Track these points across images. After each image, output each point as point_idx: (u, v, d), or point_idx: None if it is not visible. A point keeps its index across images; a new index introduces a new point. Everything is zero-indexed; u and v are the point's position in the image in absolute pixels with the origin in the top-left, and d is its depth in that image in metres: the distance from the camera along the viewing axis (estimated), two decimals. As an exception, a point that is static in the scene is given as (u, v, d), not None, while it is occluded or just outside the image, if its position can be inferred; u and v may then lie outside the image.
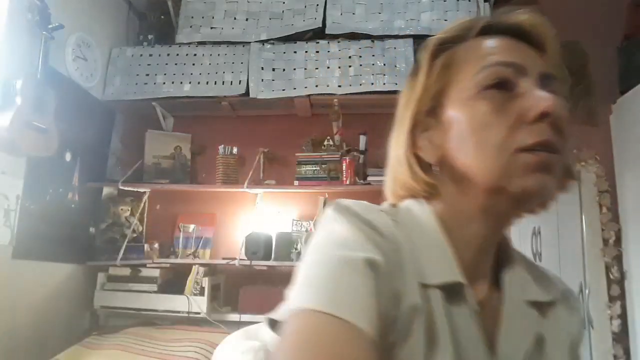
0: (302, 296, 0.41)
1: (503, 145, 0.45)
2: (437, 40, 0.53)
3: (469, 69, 0.49)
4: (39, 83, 1.74)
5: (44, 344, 1.86)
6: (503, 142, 0.45)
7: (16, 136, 1.66)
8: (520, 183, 0.44)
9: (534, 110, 0.44)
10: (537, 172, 0.44)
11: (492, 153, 0.46)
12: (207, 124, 2.51)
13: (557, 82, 0.49)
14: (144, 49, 2.37)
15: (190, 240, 2.33)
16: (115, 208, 2.34)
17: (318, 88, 2.18)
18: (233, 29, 2.34)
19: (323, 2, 2.29)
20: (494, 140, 0.45)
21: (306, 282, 0.42)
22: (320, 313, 0.38)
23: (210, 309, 2.07)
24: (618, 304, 2.07)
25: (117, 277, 2.14)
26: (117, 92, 2.30)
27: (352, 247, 0.43)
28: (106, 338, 1.92)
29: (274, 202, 2.34)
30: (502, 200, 0.47)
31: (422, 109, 0.53)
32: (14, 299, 1.75)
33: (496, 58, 0.48)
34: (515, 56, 0.48)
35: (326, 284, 0.41)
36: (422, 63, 0.53)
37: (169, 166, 2.40)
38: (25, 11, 1.79)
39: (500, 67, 0.48)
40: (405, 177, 0.54)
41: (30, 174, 1.82)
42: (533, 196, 0.45)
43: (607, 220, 2.16)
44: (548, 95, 0.45)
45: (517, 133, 0.45)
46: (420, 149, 0.53)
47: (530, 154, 0.44)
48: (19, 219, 1.76)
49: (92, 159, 2.23)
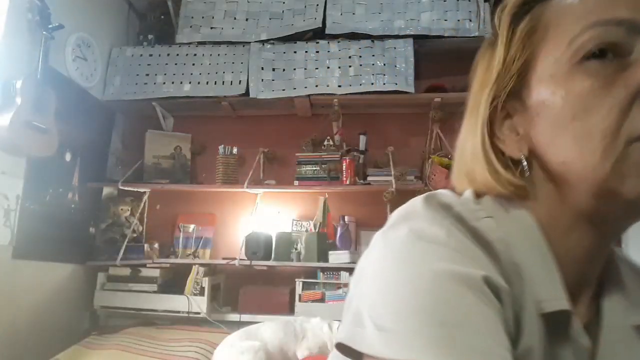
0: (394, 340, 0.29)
1: (613, 134, 0.34)
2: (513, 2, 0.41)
3: (563, 33, 0.38)
4: (39, 83, 1.74)
5: (44, 343, 1.86)
6: (613, 130, 0.34)
7: (16, 136, 1.66)
8: (637, 184, 0.34)
9: None
10: None
11: (598, 145, 0.35)
12: (207, 124, 2.51)
13: None
14: (144, 49, 2.37)
15: (190, 240, 2.33)
16: (115, 208, 2.34)
17: (318, 88, 2.18)
18: (233, 29, 2.34)
19: (323, 2, 2.29)
20: (600, 128, 0.35)
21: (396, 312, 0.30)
22: None
23: (210, 309, 2.07)
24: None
25: (117, 277, 2.14)
26: (117, 92, 2.30)
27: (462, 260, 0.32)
28: (106, 338, 1.92)
29: (274, 202, 2.34)
30: (613, 207, 0.36)
31: (502, 90, 0.42)
32: (14, 299, 1.75)
33: (600, 15, 0.36)
34: (624, 9, 0.36)
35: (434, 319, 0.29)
36: (500, 30, 0.42)
37: (169, 166, 2.40)
38: (25, 11, 1.79)
39: (607, 28, 0.36)
40: (483, 177, 0.42)
41: (30, 174, 1.82)
42: None
43: (607, 220, 2.16)
44: None
45: (633, 117, 0.34)
46: (501, 141, 0.43)
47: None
48: (19, 219, 1.76)
49: (92, 159, 2.23)
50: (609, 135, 0.34)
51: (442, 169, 2.11)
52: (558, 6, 0.39)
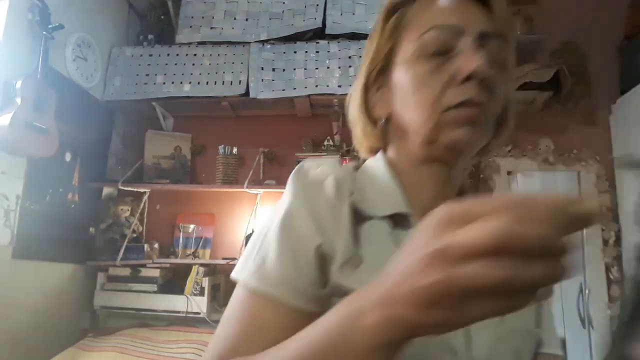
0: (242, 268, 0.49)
1: (436, 104, 0.50)
2: (391, 1, 0.57)
3: (414, 31, 0.53)
4: (39, 83, 1.74)
5: (44, 343, 1.86)
6: (435, 100, 0.50)
7: (16, 136, 1.65)
8: (449, 135, 0.50)
9: (461, 72, 0.49)
10: (462, 126, 0.49)
11: (427, 110, 0.51)
12: (207, 124, 2.51)
13: (499, 39, 0.52)
14: (144, 49, 2.37)
15: (190, 240, 2.33)
16: (115, 208, 2.33)
17: (318, 88, 2.18)
18: (233, 29, 2.34)
19: (323, 2, 2.29)
20: (428, 99, 0.51)
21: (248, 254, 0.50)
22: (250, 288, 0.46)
23: (210, 309, 2.07)
24: (618, 304, 2.07)
25: (117, 277, 2.14)
26: (117, 92, 2.30)
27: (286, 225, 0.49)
28: (102, 340, 1.92)
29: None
30: (436, 150, 0.52)
31: (375, 68, 0.57)
32: (14, 299, 1.75)
33: (436, 21, 0.52)
34: (454, 18, 0.51)
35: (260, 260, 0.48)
36: (377, 23, 0.58)
37: (169, 166, 2.40)
38: (26, 11, 1.79)
39: (438, 31, 0.51)
40: (358, 136, 0.62)
41: (30, 174, 1.82)
42: (460, 146, 0.51)
43: (607, 220, 2.16)
44: (476, 56, 0.48)
45: (448, 92, 0.50)
46: (373, 105, 0.59)
47: (456, 110, 0.49)
48: (19, 219, 1.76)
49: (92, 159, 2.23)
50: (434, 104, 0.50)
51: (442, 169, 2.10)
52: (416, 11, 0.54)
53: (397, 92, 0.55)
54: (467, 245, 0.25)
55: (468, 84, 0.49)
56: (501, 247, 0.25)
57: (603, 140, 2.26)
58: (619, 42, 2.29)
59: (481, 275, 0.25)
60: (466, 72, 0.48)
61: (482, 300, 0.26)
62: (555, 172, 2.28)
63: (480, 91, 0.49)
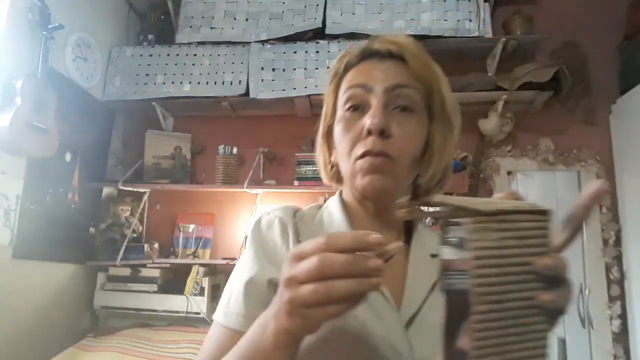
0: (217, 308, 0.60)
1: (349, 155, 0.60)
2: (333, 69, 0.68)
3: (342, 91, 0.64)
4: (39, 83, 1.74)
5: (44, 343, 1.86)
6: (349, 152, 0.60)
7: (16, 136, 1.65)
8: (359, 182, 0.59)
9: (364, 129, 0.58)
10: (368, 174, 0.58)
11: (345, 160, 0.61)
12: (207, 124, 2.51)
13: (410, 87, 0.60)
14: (144, 49, 2.37)
15: (190, 240, 2.33)
16: (115, 208, 2.34)
17: (318, 88, 2.18)
18: (233, 29, 2.34)
19: (323, 2, 2.29)
20: (345, 151, 0.61)
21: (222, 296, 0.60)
22: (218, 323, 0.57)
23: (210, 309, 2.07)
24: (618, 304, 2.07)
25: (117, 277, 2.14)
26: (117, 92, 2.30)
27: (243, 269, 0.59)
28: (102, 340, 1.91)
29: (274, 202, 2.34)
30: (357, 192, 0.62)
31: (326, 122, 0.69)
32: (14, 299, 1.75)
33: (352, 81, 0.63)
34: (364, 77, 0.61)
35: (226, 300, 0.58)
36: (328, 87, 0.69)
37: (169, 166, 2.40)
38: (26, 11, 1.79)
39: (352, 89, 0.62)
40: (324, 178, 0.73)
41: (30, 174, 1.82)
42: (369, 191, 0.59)
43: (607, 220, 2.16)
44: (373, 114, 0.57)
45: (357, 145, 0.59)
46: (331, 152, 0.68)
47: (362, 160, 0.58)
48: (19, 219, 1.76)
49: (92, 159, 2.23)
50: (347, 156, 0.60)
51: (442, 169, 2.11)
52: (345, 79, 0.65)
53: (335, 142, 0.64)
54: (299, 274, 0.37)
55: (369, 137, 0.57)
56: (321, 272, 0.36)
57: (603, 140, 2.26)
58: (619, 42, 2.29)
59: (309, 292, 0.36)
60: (366, 128, 0.57)
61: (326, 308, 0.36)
62: (555, 172, 2.28)
63: (376, 143, 0.57)
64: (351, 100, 0.61)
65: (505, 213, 0.38)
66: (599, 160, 2.23)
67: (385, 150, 0.57)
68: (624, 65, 2.25)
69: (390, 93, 0.59)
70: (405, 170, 0.60)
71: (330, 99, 0.68)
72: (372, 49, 0.64)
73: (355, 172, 0.59)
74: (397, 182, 0.60)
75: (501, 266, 0.37)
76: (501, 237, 0.37)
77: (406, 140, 0.59)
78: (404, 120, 0.59)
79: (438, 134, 0.63)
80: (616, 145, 2.23)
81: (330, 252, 0.37)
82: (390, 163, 0.58)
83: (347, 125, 0.61)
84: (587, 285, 2.12)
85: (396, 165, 0.58)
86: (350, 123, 0.61)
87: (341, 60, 0.67)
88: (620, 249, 2.12)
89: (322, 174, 0.73)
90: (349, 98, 0.62)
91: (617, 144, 2.22)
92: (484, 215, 0.37)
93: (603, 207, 2.18)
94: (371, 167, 0.57)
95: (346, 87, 0.63)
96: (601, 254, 2.13)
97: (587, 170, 2.23)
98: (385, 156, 0.57)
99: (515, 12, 2.27)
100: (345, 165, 0.62)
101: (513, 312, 0.37)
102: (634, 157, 2.06)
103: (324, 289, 0.36)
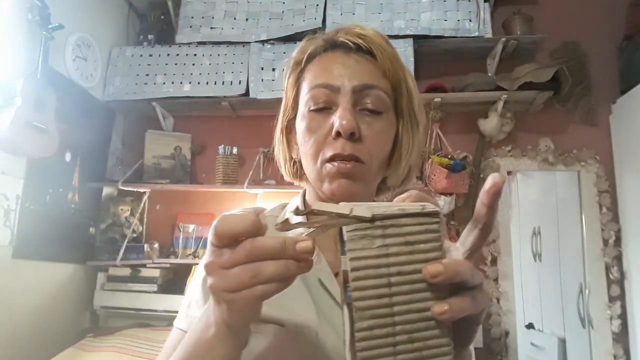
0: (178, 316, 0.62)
1: (315, 157, 0.57)
2: (295, 57, 0.63)
3: (305, 89, 0.60)
4: (39, 83, 1.74)
5: (44, 344, 1.86)
6: (315, 154, 0.57)
7: (16, 136, 1.65)
8: (327, 187, 0.56)
9: (332, 131, 0.55)
10: (337, 178, 0.55)
11: (310, 162, 0.58)
12: (207, 124, 2.51)
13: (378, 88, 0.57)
14: (144, 49, 2.37)
15: (190, 240, 2.33)
16: (115, 208, 2.34)
17: (318, 88, 2.18)
18: (233, 29, 2.34)
19: (323, 2, 2.29)
20: (310, 153, 0.57)
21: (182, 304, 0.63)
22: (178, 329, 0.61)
23: (210, 309, 2.07)
24: (618, 304, 2.07)
25: (117, 277, 2.14)
26: (117, 92, 2.30)
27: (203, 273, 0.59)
28: (102, 340, 1.91)
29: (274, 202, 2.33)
30: (323, 195, 0.58)
31: (286, 116, 0.65)
32: (14, 299, 1.75)
33: (316, 82, 0.58)
34: (333, 76, 0.57)
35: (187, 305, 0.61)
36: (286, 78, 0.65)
37: (169, 166, 2.40)
38: (26, 11, 1.79)
39: (320, 89, 0.57)
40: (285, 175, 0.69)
41: (30, 174, 1.82)
42: (339, 196, 0.55)
43: (607, 220, 2.16)
44: (342, 116, 0.54)
45: (325, 147, 0.56)
46: (292, 148, 0.65)
47: (331, 164, 0.55)
48: (19, 219, 1.76)
49: (92, 159, 2.23)
50: (314, 157, 0.57)
51: (441, 169, 2.11)
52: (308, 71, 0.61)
53: (298, 140, 0.61)
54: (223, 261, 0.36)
55: (338, 139, 0.54)
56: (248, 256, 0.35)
57: (603, 140, 2.26)
58: (619, 42, 2.29)
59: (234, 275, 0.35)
60: (335, 130, 0.54)
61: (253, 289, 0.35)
62: (555, 172, 2.28)
63: (346, 146, 0.54)
64: (316, 100, 0.57)
65: (387, 218, 0.34)
66: (599, 160, 2.23)
67: (356, 154, 0.54)
68: (624, 65, 2.25)
69: (359, 94, 0.56)
70: (374, 174, 0.58)
71: (290, 93, 0.63)
72: (338, 41, 0.60)
73: (323, 176, 0.56)
74: (367, 186, 0.58)
75: (385, 276, 0.33)
76: (384, 245, 0.34)
77: (376, 142, 0.57)
78: (373, 122, 0.57)
79: (406, 133, 0.61)
80: (616, 145, 2.23)
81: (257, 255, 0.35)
82: (360, 167, 0.55)
83: (311, 125, 0.57)
84: (587, 285, 2.12)
85: (366, 169, 0.56)
86: (315, 123, 0.57)
87: (303, 50, 0.62)
88: (620, 249, 2.12)
89: (283, 171, 0.69)
90: (313, 98, 0.58)
91: (617, 144, 2.22)
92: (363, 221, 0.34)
93: (603, 207, 2.18)
94: (341, 173, 0.55)
95: (310, 85, 0.59)
96: (601, 254, 2.13)
97: (587, 170, 2.23)
98: (355, 160, 0.55)
99: (515, 12, 2.28)
100: (310, 168, 0.58)
101: (404, 327, 0.33)
102: (634, 157, 2.06)
103: (251, 270, 0.34)
